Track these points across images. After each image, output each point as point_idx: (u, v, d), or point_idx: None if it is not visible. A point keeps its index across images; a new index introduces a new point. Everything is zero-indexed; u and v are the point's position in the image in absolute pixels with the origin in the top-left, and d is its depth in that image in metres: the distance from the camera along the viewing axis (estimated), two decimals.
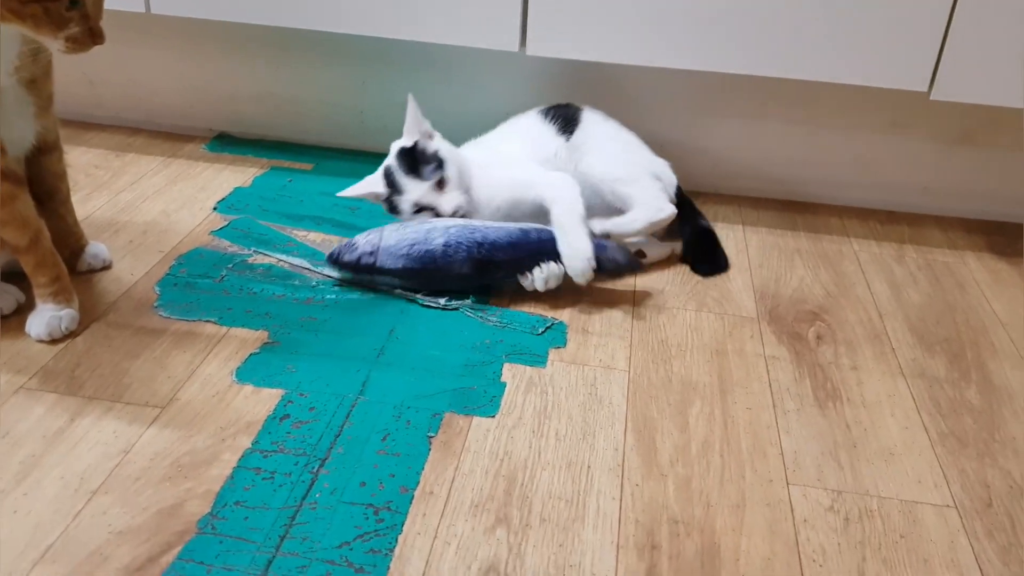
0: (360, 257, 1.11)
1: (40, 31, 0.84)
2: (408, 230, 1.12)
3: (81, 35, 0.86)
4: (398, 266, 1.10)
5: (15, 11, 0.82)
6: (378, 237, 1.12)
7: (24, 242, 0.98)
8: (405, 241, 1.11)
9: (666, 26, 1.22)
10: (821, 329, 1.12)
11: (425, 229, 1.12)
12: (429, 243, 1.10)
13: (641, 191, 1.20)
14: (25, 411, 0.89)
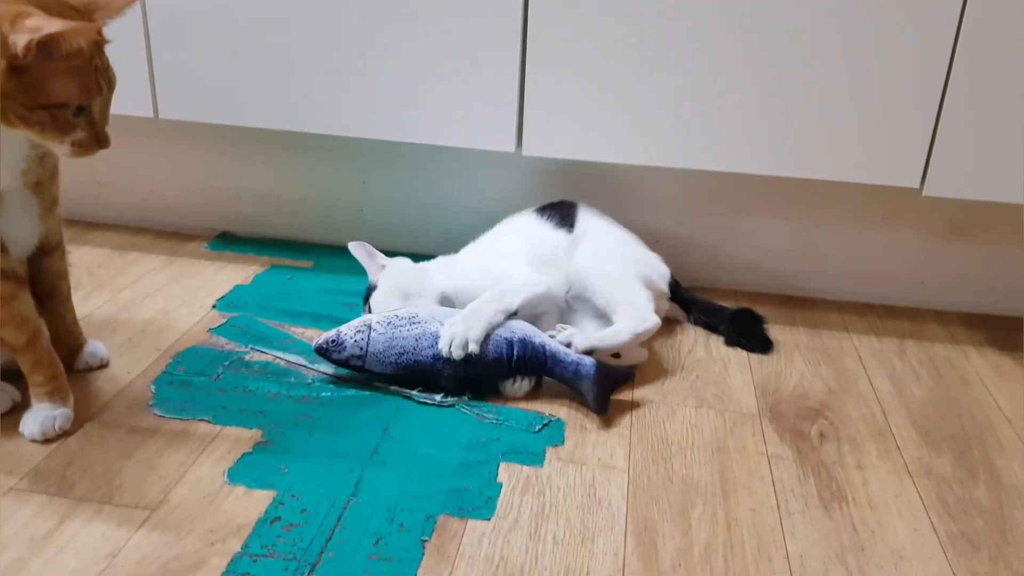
0: (348, 359, 1.12)
1: (46, 136, 0.86)
2: (397, 333, 1.12)
3: (87, 140, 0.88)
4: (386, 372, 1.12)
5: (23, 117, 0.84)
6: (365, 338, 1.11)
7: (22, 341, 0.98)
8: (393, 349, 1.11)
9: (657, 126, 1.26)
10: (824, 426, 1.10)
11: (414, 336, 1.11)
12: (418, 353, 1.10)
13: (628, 297, 1.19)
14: (13, 513, 0.87)
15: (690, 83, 1.22)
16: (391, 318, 1.14)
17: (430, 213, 1.53)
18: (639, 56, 1.22)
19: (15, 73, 0.81)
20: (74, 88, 0.85)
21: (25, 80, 0.82)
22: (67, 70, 0.84)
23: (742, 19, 1.18)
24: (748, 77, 1.21)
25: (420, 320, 1.13)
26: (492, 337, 1.11)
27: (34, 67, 0.81)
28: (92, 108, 0.88)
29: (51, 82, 0.83)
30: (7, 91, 0.81)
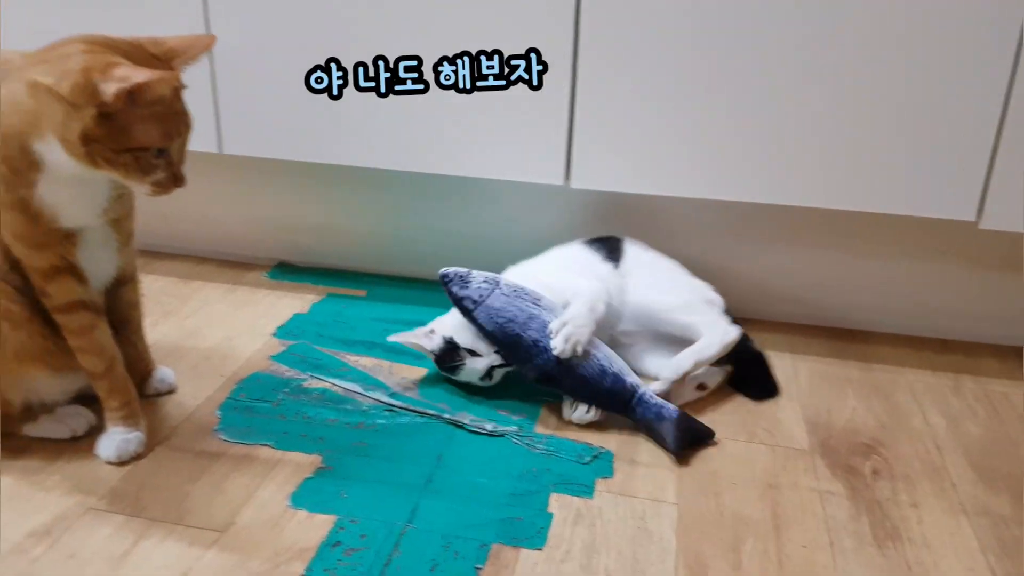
0: (463, 298, 1.16)
1: (130, 177, 0.92)
2: (517, 303, 1.16)
3: (166, 180, 0.94)
4: (487, 328, 1.15)
5: (109, 160, 0.89)
6: (489, 290, 1.16)
7: (100, 368, 1.03)
8: (506, 314, 1.15)
9: (705, 158, 1.28)
10: (877, 463, 1.10)
11: (528, 315, 1.15)
12: (524, 330, 1.14)
13: (703, 317, 1.24)
14: (92, 531, 0.92)
15: (738, 115, 1.24)
16: (519, 287, 1.19)
17: (478, 243, 1.57)
18: (687, 88, 1.24)
19: (104, 119, 0.86)
20: (156, 133, 0.90)
21: (113, 126, 0.87)
22: (150, 116, 0.89)
23: (792, 51, 1.20)
24: (798, 109, 1.22)
25: (541, 305, 1.17)
26: (592, 356, 1.14)
27: (121, 114, 0.87)
28: (171, 150, 0.93)
29: (136, 127, 0.88)
30: (96, 136, 0.87)
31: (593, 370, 1.13)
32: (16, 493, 0.98)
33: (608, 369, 1.13)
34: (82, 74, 0.84)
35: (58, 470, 1.02)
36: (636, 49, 1.24)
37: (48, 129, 0.88)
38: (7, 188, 0.93)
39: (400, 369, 1.28)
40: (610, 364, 1.14)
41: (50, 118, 0.88)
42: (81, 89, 0.85)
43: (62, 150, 0.89)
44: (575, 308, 1.16)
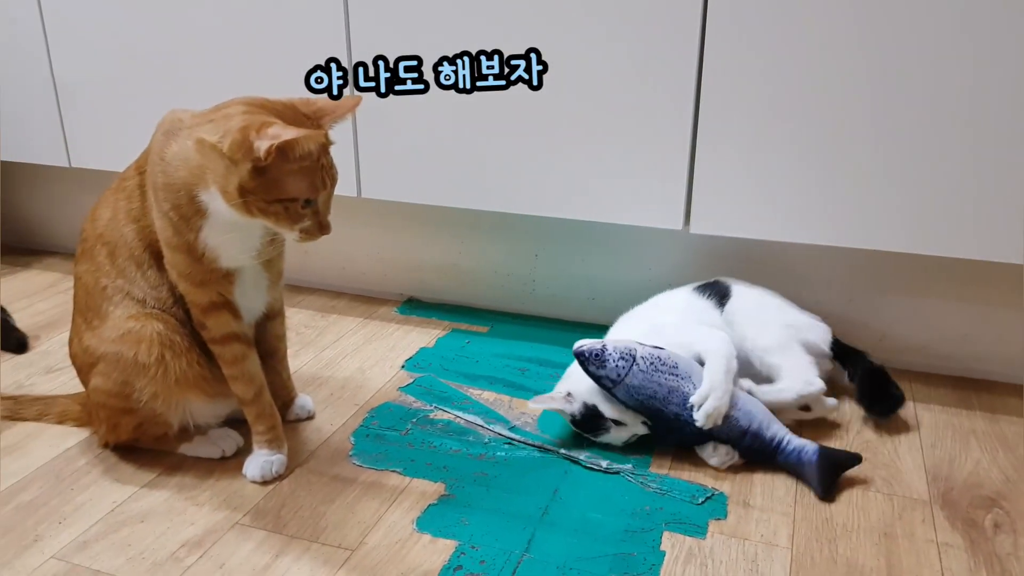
0: (602, 378, 1.18)
1: (280, 224, 1.01)
2: (655, 378, 1.16)
3: (312, 228, 1.03)
4: (628, 403, 1.18)
5: (262, 209, 0.99)
6: (627, 368, 1.16)
7: (250, 395, 1.14)
8: (646, 391, 1.16)
9: (828, 205, 1.28)
10: (999, 517, 1.08)
11: (668, 389, 1.16)
12: (665, 405, 1.16)
13: (791, 362, 1.26)
14: (239, 545, 1.01)
15: (860, 161, 1.25)
16: (655, 358, 1.18)
17: (597, 285, 1.62)
18: (806, 137, 1.26)
19: (257, 173, 0.96)
20: (304, 185, 0.99)
21: (265, 179, 0.97)
22: (299, 170, 0.98)
23: (915, 95, 1.20)
24: (920, 154, 1.22)
25: (679, 374, 1.17)
26: (730, 419, 1.15)
27: (273, 168, 0.96)
28: (318, 201, 1.02)
29: (286, 180, 0.98)
30: (251, 188, 0.97)
31: (732, 432, 1.16)
32: (172, 507, 1.09)
33: (748, 428, 1.15)
34: (240, 132, 0.95)
35: (209, 487, 1.13)
36: (758, 91, 1.26)
37: (211, 181, 0.99)
38: (176, 232, 1.05)
39: (520, 404, 1.34)
40: (749, 422, 1.16)
41: (213, 171, 0.98)
42: (239, 146, 0.95)
43: (222, 200, 1.00)
44: (713, 375, 1.16)
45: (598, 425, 1.20)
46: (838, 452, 1.15)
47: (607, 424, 1.19)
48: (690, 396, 1.16)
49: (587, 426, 1.21)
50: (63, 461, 1.18)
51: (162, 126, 1.07)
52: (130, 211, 1.11)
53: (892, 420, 1.29)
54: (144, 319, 1.10)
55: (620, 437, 1.20)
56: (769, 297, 1.37)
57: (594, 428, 1.20)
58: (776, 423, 1.17)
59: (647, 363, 1.17)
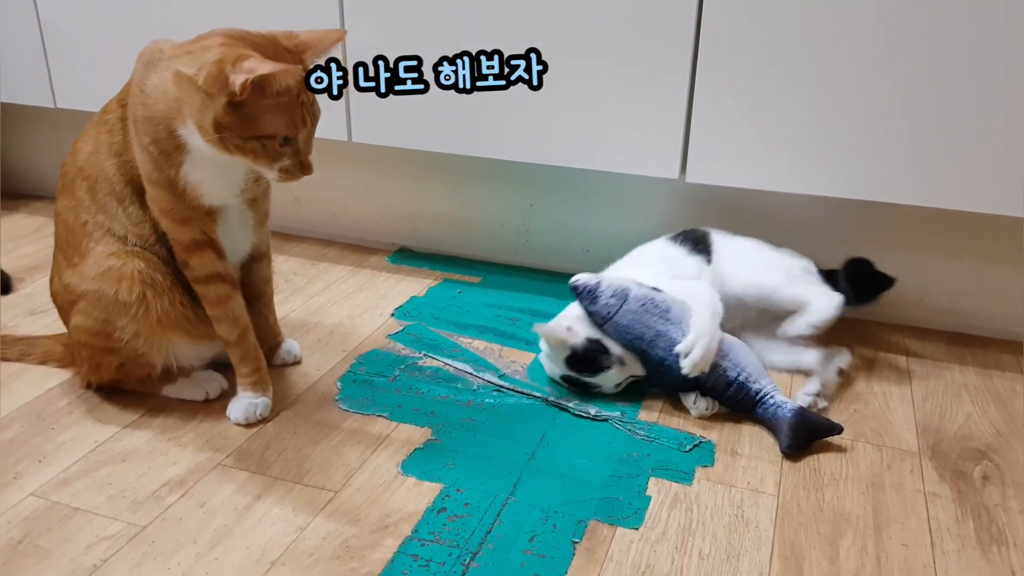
0: (592, 315, 1.18)
1: (258, 163, 0.98)
2: (644, 319, 1.16)
3: (292, 167, 0.99)
4: (615, 339, 1.17)
5: (239, 146, 0.96)
6: (617, 306, 1.17)
7: (234, 337, 1.12)
8: (632, 332, 1.16)
9: (825, 155, 1.26)
10: (988, 469, 1.07)
11: (655, 332, 1.16)
12: (651, 348, 1.16)
13: (805, 287, 1.26)
14: (221, 486, 1.00)
15: (857, 112, 1.22)
16: (648, 300, 1.17)
17: (591, 236, 1.60)
18: (806, 85, 1.23)
19: (233, 108, 0.93)
20: (282, 122, 0.96)
21: (241, 114, 0.94)
22: (277, 106, 0.94)
23: (911, 48, 1.17)
24: (917, 105, 1.19)
25: (670, 319, 1.16)
26: (718, 368, 1.14)
27: (249, 103, 0.93)
28: (298, 139, 0.99)
29: (263, 116, 0.94)
30: (226, 123, 0.94)
31: (719, 382, 1.15)
32: (154, 447, 1.08)
33: (735, 378, 1.14)
34: (216, 65, 0.91)
35: (192, 429, 1.12)
36: (756, 45, 1.24)
37: (188, 115, 0.96)
38: (156, 168, 1.02)
39: (510, 353, 1.33)
40: (737, 372, 1.15)
41: (190, 105, 0.95)
42: (214, 79, 0.91)
43: (199, 135, 0.96)
44: (700, 322, 1.15)
45: (598, 364, 1.17)
46: (817, 418, 1.11)
47: (608, 361, 1.17)
48: (677, 342, 1.14)
49: (586, 364, 1.18)
50: (45, 401, 1.17)
51: (143, 56, 1.04)
52: (111, 145, 1.09)
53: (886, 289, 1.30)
54: (125, 256, 1.08)
55: (614, 379, 1.18)
56: (750, 242, 1.36)
57: (593, 367, 1.17)
58: (765, 377, 1.16)
59: (638, 303, 1.17)
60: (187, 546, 0.91)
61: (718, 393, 1.16)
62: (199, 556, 0.89)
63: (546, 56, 1.34)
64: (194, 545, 0.91)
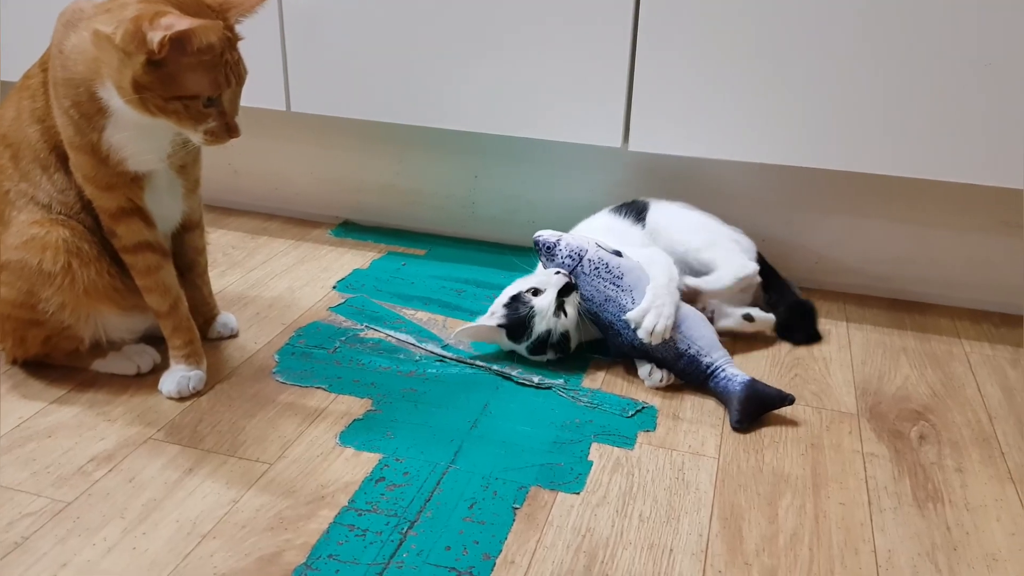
0: (557, 269, 1.18)
1: (182, 124, 0.95)
2: (596, 284, 1.16)
3: (218, 129, 0.96)
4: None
5: (160, 107, 0.92)
6: (572, 266, 1.18)
7: (165, 307, 1.09)
8: (584, 292, 1.17)
9: (767, 122, 1.26)
10: (925, 429, 1.08)
11: (605, 296, 1.15)
12: (602, 311, 1.16)
13: (723, 252, 1.27)
14: (151, 460, 0.97)
15: (800, 80, 1.22)
16: (602, 263, 1.17)
17: (537, 207, 1.58)
18: (749, 53, 1.23)
19: (153, 67, 0.89)
20: (205, 81, 0.92)
21: (161, 73, 0.90)
22: (198, 65, 0.91)
23: (854, 16, 1.17)
24: (858, 74, 1.20)
25: (621, 285, 1.15)
26: (669, 339, 1.12)
27: (169, 61, 0.89)
28: (222, 100, 0.95)
29: (184, 75, 0.91)
30: (146, 83, 0.90)
31: (668, 353, 1.14)
32: (82, 422, 1.04)
33: (685, 351, 1.13)
34: (132, 23, 0.87)
35: (123, 403, 1.08)
36: (697, 11, 1.23)
37: (107, 76, 0.92)
38: (78, 132, 0.98)
39: (454, 324, 1.31)
40: (688, 345, 1.13)
41: (108, 65, 0.91)
42: (131, 37, 0.88)
43: (119, 96, 0.92)
44: (655, 288, 1.14)
45: (527, 322, 1.16)
46: (768, 389, 1.09)
47: (529, 311, 1.17)
48: (627, 309, 1.14)
49: (519, 329, 1.18)
50: None
51: (63, 17, 0.99)
52: (34, 111, 1.04)
53: (811, 344, 1.29)
54: (49, 225, 1.04)
55: (545, 311, 1.16)
56: (691, 209, 1.37)
57: (525, 327, 1.17)
58: (718, 350, 1.14)
59: (591, 266, 1.17)
60: (114, 521, 0.88)
61: (669, 365, 1.15)
62: (126, 531, 0.86)
63: (488, 24, 1.32)
64: (121, 520, 0.88)
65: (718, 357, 1.14)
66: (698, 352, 1.13)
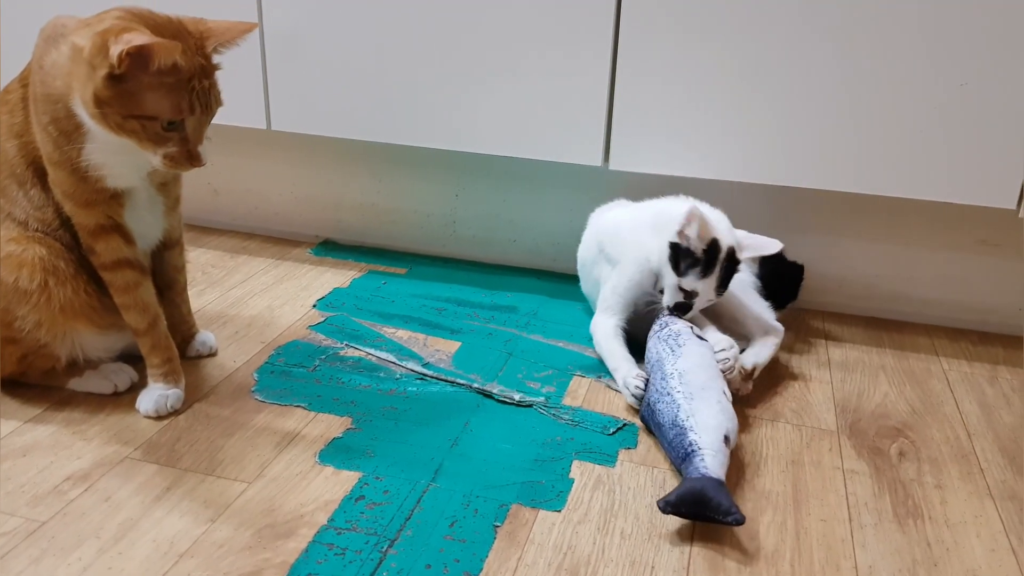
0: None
1: (142, 145, 0.93)
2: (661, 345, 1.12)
3: (178, 155, 0.94)
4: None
5: (119, 124, 0.91)
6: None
7: (143, 325, 1.07)
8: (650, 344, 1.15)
9: (747, 142, 1.28)
10: (904, 446, 1.09)
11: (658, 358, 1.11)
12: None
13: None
14: (128, 479, 0.96)
15: (779, 99, 1.24)
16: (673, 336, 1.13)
17: (518, 226, 1.59)
18: (728, 73, 1.25)
19: (114, 82, 0.88)
20: (165, 103, 0.91)
21: (121, 89, 0.89)
22: (160, 85, 0.90)
23: (832, 36, 1.19)
24: (838, 93, 1.22)
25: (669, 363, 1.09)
26: (674, 402, 1.03)
27: (130, 78, 0.88)
28: (186, 126, 0.94)
29: (144, 94, 0.90)
30: (105, 98, 0.89)
31: (666, 418, 1.03)
32: (58, 441, 1.02)
33: (680, 423, 1.00)
34: (100, 36, 0.87)
35: (99, 422, 1.06)
36: (677, 32, 1.24)
37: (76, 90, 0.92)
38: (57, 148, 0.97)
39: (435, 342, 1.31)
40: (684, 419, 1.00)
41: (77, 78, 0.91)
42: (98, 50, 0.87)
43: (84, 110, 0.92)
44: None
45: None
46: (721, 497, 0.90)
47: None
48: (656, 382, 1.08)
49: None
50: None
51: (44, 32, 0.99)
52: (12, 125, 1.03)
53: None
54: (26, 242, 1.03)
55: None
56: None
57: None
58: (707, 438, 0.97)
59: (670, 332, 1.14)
60: (89, 540, 0.86)
61: (662, 433, 1.03)
62: (102, 551, 0.85)
63: (469, 44, 1.33)
64: (97, 539, 0.86)
65: (703, 446, 0.97)
66: (691, 428, 0.99)
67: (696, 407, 1.01)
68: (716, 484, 0.92)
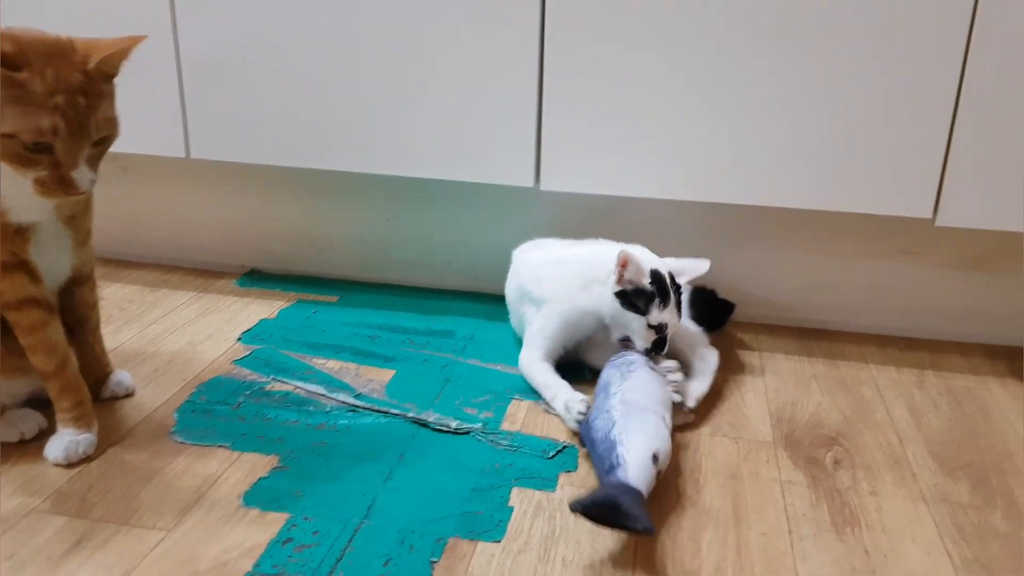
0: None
1: (12, 166, 0.88)
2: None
3: (49, 180, 0.89)
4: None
5: None
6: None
7: (51, 367, 1.01)
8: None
9: (675, 160, 1.28)
10: (839, 454, 1.09)
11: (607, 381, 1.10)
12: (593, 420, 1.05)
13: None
14: (34, 533, 0.90)
15: (708, 116, 1.25)
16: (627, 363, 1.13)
17: (454, 250, 1.56)
18: (657, 90, 1.25)
19: None
20: (20, 121, 0.85)
21: None
22: (14, 99, 0.85)
23: (758, 52, 1.20)
24: (764, 110, 1.23)
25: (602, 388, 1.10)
26: (609, 418, 1.01)
27: None
28: (56, 148, 0.88)
29: (2, 111, 0.84)
30: None
31: (600, 433, 1.00)
32: None
33: (612, 437, 0.97)
34: None
35: (3, 473, 1.00)
36: (603, 50, 1.24)
37: None
38: None
39: (367, 371, 1.27)
40: (617, 433, 0.97)
41: None
42: None
43: None
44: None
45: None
46: (635, 510, 0.87)
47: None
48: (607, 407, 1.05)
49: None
50: None
51: None
52: None
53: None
54: None
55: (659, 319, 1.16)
56: None
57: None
58: (636, 457, 0.94)
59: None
60: None
61: (595, 445, 1.00)
62: None
63: (391, 65, 1.31)
64: None
65: (632, 458, 0.94)
66: (622, 444, 0.96)
67: (630, 424, 0.99)
68: (633, 494, 0.89)
